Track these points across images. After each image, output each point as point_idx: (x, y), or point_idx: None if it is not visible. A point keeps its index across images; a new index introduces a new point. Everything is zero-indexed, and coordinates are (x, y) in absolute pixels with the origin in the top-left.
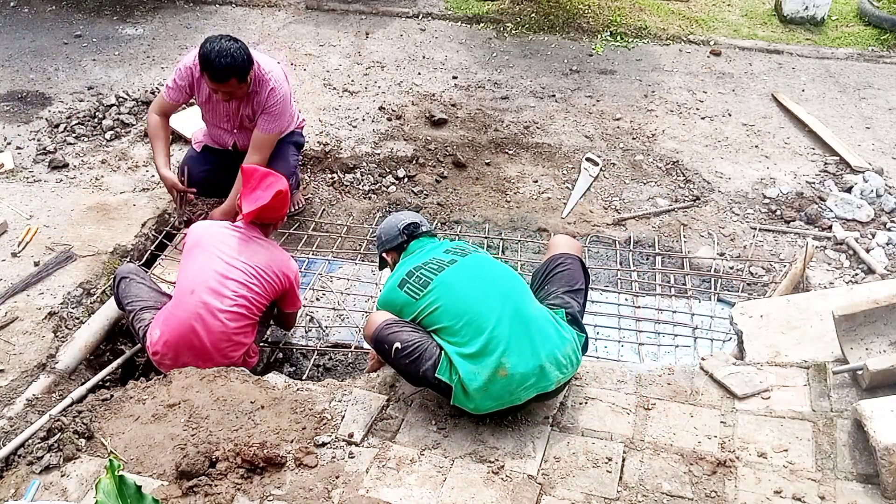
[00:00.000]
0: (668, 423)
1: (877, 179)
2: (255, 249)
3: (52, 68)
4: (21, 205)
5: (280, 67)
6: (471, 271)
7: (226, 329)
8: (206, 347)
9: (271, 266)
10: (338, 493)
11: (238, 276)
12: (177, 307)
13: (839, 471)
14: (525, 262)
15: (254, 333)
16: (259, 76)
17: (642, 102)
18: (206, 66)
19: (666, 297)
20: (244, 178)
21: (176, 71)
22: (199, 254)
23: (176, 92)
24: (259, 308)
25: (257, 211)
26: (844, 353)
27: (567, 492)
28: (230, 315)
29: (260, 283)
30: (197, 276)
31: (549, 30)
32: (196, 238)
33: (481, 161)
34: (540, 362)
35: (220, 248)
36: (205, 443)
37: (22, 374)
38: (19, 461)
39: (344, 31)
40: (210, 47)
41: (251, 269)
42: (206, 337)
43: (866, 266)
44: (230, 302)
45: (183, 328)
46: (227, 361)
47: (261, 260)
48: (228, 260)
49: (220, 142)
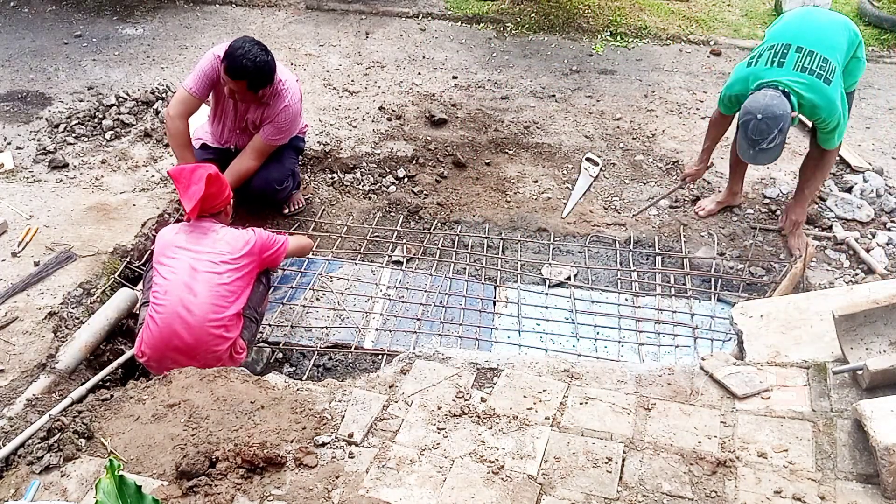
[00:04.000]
0: (668, 423)
1: (877, 179)
2: (214, 239)
3: (52, 68)
4: (21, 205)
5: (298, 86)
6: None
7: (204, 323)
8: (188, 344)
9: (235, 247)
10: (338, 493)
11: (208, 267)
12: (154, 310)
13: (839, 471)
14: (525, 262)
15: (238, 327)
16: (277, 91)
17: (642, 102)
18: (228, 56)
19: (666, 297)
20: (174, 181)
21: (204, 60)
22: (165, 259)
23: (202, 82)
24: (237, 294)
25: (199, 204)
26: (844, 353)
27: (567, 492)
28: (207, 307)
29: (230, 269)
30: (169, 278)
31: (549, 30)
32: (160, 247)
33: (481, 161)
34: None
35: (183, 248)
36: (205, 443)
37: (22, 374)
38: (19, 461)
39: (344, 31)
40: (241, 44)
41: (217, 257)
42: (187, 334)
43: (866, 266)
44: (205, 295)
45: (163, 330)
46: (214, 357)
47: (223, 247)
48: (195, 256)
49: (219, 139)
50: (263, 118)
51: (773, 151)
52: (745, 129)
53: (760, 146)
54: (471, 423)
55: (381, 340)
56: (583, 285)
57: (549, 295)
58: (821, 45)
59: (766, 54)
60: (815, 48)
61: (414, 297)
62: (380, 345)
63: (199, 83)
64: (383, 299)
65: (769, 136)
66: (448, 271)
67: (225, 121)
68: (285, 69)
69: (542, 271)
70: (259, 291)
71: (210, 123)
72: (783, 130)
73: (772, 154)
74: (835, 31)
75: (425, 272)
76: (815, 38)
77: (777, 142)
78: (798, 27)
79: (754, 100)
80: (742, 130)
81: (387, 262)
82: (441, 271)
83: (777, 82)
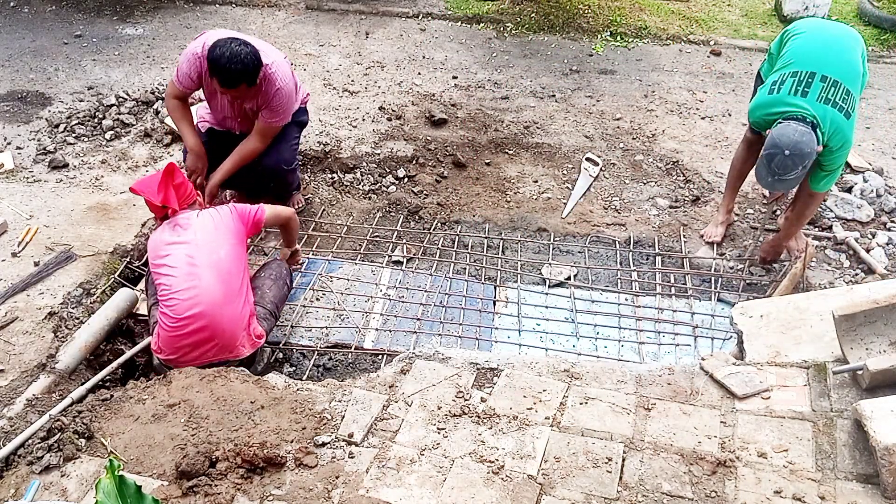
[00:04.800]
0: (668, 423)
1: (877, 179)
2: (196, 224)
3: (52, 68)
4: (21, 205)
5: (285, 62)
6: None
7: (218, 298)
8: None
9: (217, 223)
10: (338, 493)
11: (202, 251)
12: (166, 305)
13: (839, 471)
14: (525, 262)
15: (251, 302)
16: (266, 75)
17: (642, 102)
18: (215, 72)
19: (666, 297)
20: (140, 192)
21: (184, 59)
22: (161, 259)
23: (186, 80)
24: (236, 262)
25: (173, 191)
26: (844, 353)
27: (567, 492)
28: (215, 287)
29: (221, 244)
30: (171, 273)
31: (549, 30)
32: (152, 250)
33: (481, 161)
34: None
35: (174, 243)
36: (205, 443)
37: (22, 374)
38: (19, 461)
39: (344, 31)
40: (220, 52)
41: (206, 239)
42: (206, 319)
43: (866, 266)
44: (209, 277)
45: (179, 322)
46: (232, 331)
47: (207, 227)
48: (187, 246)
49: (224, 126)
50: (259, 105)
51: (792, 183)
52: (768, 161)
53: (781, 177)
54: (471, 423)
55: (381, 340)
56: (583, 285)
57: (549, 295)
58: (845, 74)
59: (790, 81)
60: (840, 78)
61: (414, 297)
62: (380, 345)
63: (185, 81)
64: (383, 299)
65: (793, 171)
66: (448, 271)
67: (223, 111)
68: (268, 48)
69: (542, 271)
70: (279, 287)
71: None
72: (806, 167)
73: (790, 185)
74: (853, 53)
75: (425, 272)
76: (838, 65)
77: (799, 175)
78: (821, 51)
79: (783, 134)
80: (765, 161)
81: (387, 262)
82: (441, 271)
83: (806, 113)
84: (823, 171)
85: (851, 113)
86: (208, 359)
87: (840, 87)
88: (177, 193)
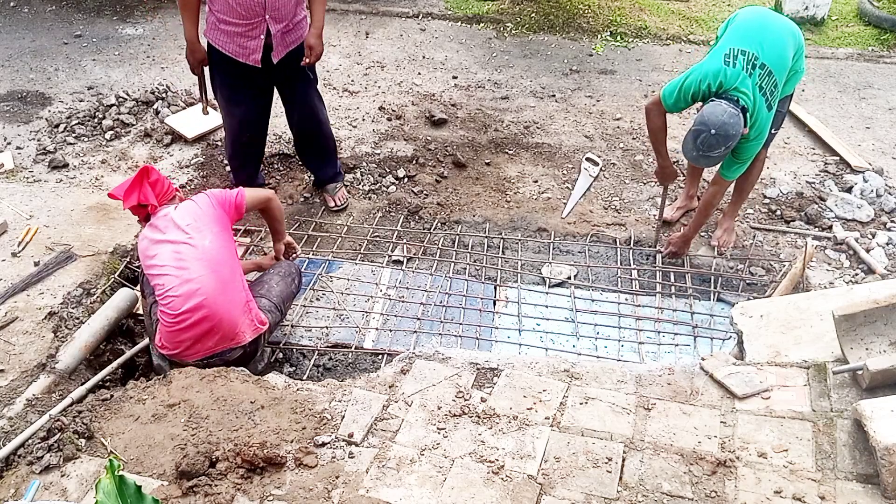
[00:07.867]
0: (668, 423)
1: (877, 179)
2: (175, 219)
3: (52, 68)
4: (21, 205)
5: None
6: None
7: (215, 286)
8: (206, 316)
9: (196, 213)
10: (338, 493)
11: (188, 242)
12: (163, 302)
13: (839, 471)
14: (525, 262)
15: (246, 288)
16: None
17: (642, 102)
18: None
19: (666, 297)
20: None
21: None
22: (150, 260)
23: None
24: (225, 248)
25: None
26: (844, 353)
27: (567, 492)
28: (209, 278)
29: (205, 233)
30: (163, 272)
31: (549, 30)
32: (141, 253)
33: (481, 161)
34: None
35: (159, 242)
36: (205, 443)
37: (22, 374)
38: (19, 461)
39: (344, 31)
40: None
41: (189, 230)
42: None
43: (866, 266)
44: (201, 269)
45: (178, 316)
46: (232, 317)
47: (187, 219)
48: (172, 244)
49: (244, 54)
50: None
51: (715, 160)
52: (694, 138)
53: (704, 154)
54: (471, 423)
55: (381, 340)
56: (583, 285)
57: (549, 295)
58: (779, 66)
59: (741, 59)
60: (774, 69)
61: (414, 297)
62: (380, 345)
63: None
64: (383, 299)
65: (717, 149)
66: (448, 271)
67: (244, 10)
68: None
69: (542, 271)
70: (286, 283)
71: (221, 32)
72: (730, 147)
73: (713, 161)
74: (788, 45)
75: (425, 272)
76: (776, 56)
77: (722, 154)
78: (763, 37)
79: (713, 113)
80: (692, 136)
81: (387, 261)
82: (441, 271)
83: (743, 95)
84: (735, 159)
85: (773, 107)
86: (210, 349)
87: (772, 78)
88: (153, 190)
